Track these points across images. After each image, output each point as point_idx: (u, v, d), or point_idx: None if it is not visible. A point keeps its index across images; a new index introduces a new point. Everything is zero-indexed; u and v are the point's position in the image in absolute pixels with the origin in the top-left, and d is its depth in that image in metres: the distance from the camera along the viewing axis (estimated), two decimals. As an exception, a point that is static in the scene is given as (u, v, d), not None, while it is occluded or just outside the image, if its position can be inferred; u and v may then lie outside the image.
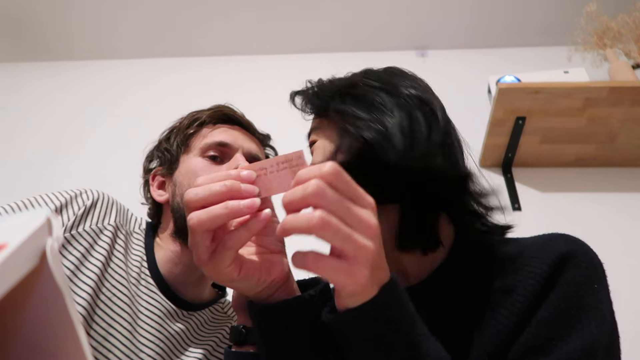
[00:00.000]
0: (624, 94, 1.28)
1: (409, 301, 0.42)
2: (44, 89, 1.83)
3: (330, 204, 0.36)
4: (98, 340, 0.66)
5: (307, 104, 0.62)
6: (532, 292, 0.47)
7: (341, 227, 0.36)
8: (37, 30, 1.80)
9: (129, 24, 1.79)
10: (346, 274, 0.36)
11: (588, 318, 0.45)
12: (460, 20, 1.75)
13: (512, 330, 0.47)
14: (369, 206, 0.38)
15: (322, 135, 0.59)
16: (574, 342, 0.44)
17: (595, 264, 0.49)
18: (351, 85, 0.58)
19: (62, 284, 0.25)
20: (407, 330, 0.40)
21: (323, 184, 0.36)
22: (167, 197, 0.82)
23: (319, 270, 0.37)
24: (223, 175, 0.42)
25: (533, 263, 0.49)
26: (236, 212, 0.39)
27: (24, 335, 0.27)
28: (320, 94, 0.60)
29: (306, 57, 1.84)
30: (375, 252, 0.37)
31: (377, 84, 0.56)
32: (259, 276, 0.45)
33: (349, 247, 0.36)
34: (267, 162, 0.41)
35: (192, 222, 0.40)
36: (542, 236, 0.54)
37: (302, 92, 0.63)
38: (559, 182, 1.45)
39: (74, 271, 0.68)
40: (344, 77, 0.62)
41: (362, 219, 0.37)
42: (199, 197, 0.40)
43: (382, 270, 0.40)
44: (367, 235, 0.37)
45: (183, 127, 0.85)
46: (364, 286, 0.37)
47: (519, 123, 1.37)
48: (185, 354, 0.76)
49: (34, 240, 0.24)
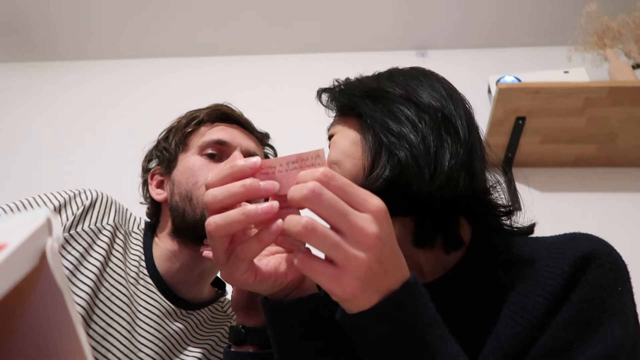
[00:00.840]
0: (624, 94, 1.28)
1: (424, 305, 0.39)
2: (45, 89, 1.83)
3: (324, 209, 0.35)
4: (97, 339, 0.66)
5: (332, 101, 0.63)
6: (552, 293, 0.46)
7: (328, 235, 0.35)
8: (40, 30, 1.80)
9: (131, 24, 1.79)
10: (333, 281, 0.36)
11: (612, 322, 0.44)
12: (460, 20, 1.75)
13: (532, 332, 0.45)
14: (370, 211, 0.36)
15: (342, 132, 0.59)
16: (597, 346, 0.43)
17: (619, 265, 0.47)
18: (379, 90, 0.57)
19: (62, 283, 0.25)
20: (417, 336, 0.38)
21: (319, 187, 0.35)
22: (165, 196, 0.82)
23: (307, 272, 0.36)
24: (229, 169, 0.40)
25: (553, 263, 0.48)
26: (253, 218, 0.38)
27: (24, 335, 0.27)
28: (347, 92, 0.60)
29: (306, 58, 1.84)
30: (368, 262, 0.35)
31: (404, 92, 0.55)
32: (275, 279, 0.44)
33: (337, 256, 0.35)
34: (277, 161, 0.40)
35: (210, 228, 0.39)
36: (564, 235, 0.52)
37: (329, 90, 0.63)
38: (559, 182, 1.45)
39: (73, 271, 0.68)
40: (371, 77, 0.62)
41: (357, 227, 0.35)
42: (217, 199, 0.39)
43: (386, 277, 0.37)
44: (361, 244, 0.35)
45: (181, 126, 0.84)
46: (353, 295, 0.36)
47: (519, 123, 1.37)
48: (184, 353, 0.76)
49: (34, 240, 0.24)
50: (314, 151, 0.39)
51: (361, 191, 0.37)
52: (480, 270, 0.53)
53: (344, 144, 0.57)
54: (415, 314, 0.38)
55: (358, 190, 0.37)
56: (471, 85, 1.69)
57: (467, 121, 0.54)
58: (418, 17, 1.75)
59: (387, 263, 0.37)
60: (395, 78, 0.59)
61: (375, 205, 0.37)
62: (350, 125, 0.58)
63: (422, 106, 0.54)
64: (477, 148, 0.54)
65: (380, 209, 0.37)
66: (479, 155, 0.55)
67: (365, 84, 0.60)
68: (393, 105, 0.55)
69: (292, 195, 0.36)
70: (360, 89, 0.59)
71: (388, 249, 0.37)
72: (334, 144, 0.59)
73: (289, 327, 0.47)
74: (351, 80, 0.63)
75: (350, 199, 0.36)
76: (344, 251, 0.35)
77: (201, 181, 0.76)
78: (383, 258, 0.36)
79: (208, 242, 0.42)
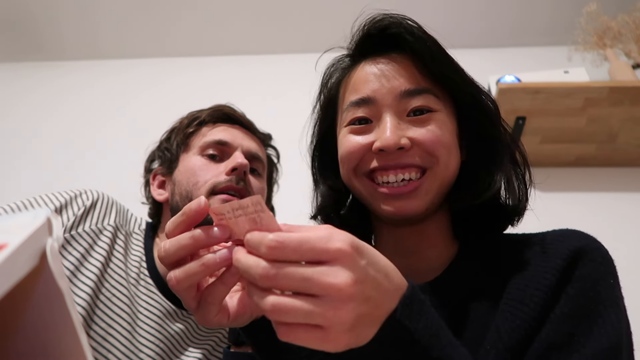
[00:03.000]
0: (624, 94, 1.28)
1: (426, 316, 0.38)
2: (50, 89, 1.83)
3: (284, 285, 0.33)
4: (97, 340, 0.66)
5: (401, 33, 0.60)
6: (548, 286, 0.47)
7: (298, 308, 0.32)
8: (46, 30, 1.80)
9: (134, 24, 1.79)
10: (324, 341, 0.33)
11: (608, 313, 0.45)
12: (460, 20, 1.75)
13: (531, 325, 0.46)
14: (335, 258, 0.33)
15: (441, 114, 0.58)
16: (599, 338, 0.43)
17: (608, 259, 0.49)
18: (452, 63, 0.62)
19: (63, 284, 0.25)
20: (421, 352, 0.37)
21: (269, 268, 0.33)
22: (166, 196, 0.82)
23: (293, 342, 0.34)
24: (179, 215, 0.39)
25: (547, 258, 0.49)
26: (212, 268, 0.37)
27: (24, 335, 0.27)
28: (426, 39, 0.60)
29: (307, 57, 1.84)
30: (353, 312, 0.33)
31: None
32: (250, 313, 0.43)
33: (317, 321, 0.33)
34: (225, 208, 0.38)
35: (171, 283, 0.38)
36: (554, 232, 0.54)
37: (395, 17, 0.60)
38: (559, 182, 1.45)
39: (74, 272, 0.68)
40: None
41: (326, 285, 0.32)
42: (169, 253, 0.38)
43: (379, 308, 0.35)
44: (339, 300, 0.32)
45: (183, 126, 0.85)
46: (347, 345, 0.34)
47: (519, 123, 1.37)
48: (184, 353, 0.76)
49: (34, 240, 0.24)
50: (250, 198, 0.36)
51: (318, 242, 0.33)
52: (475, 267, 0.55)
53: (448, 135, 0.56)
54: (417, 330, 0.36)
55: (315, 244, 0.33)
56: (471, 86, 1.70)
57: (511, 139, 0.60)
58: (418, 17, 1.74)
59: (376, 295, 0.35)
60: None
61: (337, 251, 0.33)
62: (443, 101, 0.59)
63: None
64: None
65: (345, 250, 0.33)
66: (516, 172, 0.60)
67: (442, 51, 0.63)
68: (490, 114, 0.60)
69: (249, 273, 0.34)
70: (446, 55, 0.63)
71: (371, 282, 0.34)
72: (440, 123, 0.56)
73: (270, 348, 0.47)
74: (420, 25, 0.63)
75: (310, 256, 0.33)
76: (321, 315, 0.32)
77: (201, 181, 0.76)
78: (369, 294, 0.34)
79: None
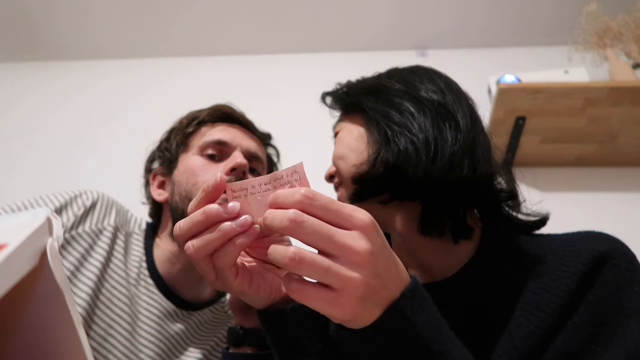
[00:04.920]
0: (624, 94, 1.27)
1: (427, 311, 0.38)
2: (50, 89, 1.82)
3: (308, 235, 0.34)
4: (98, 340, 0.66)
5: (336, 102, 0.67)
6: (567, 292, 0.45)
7: (317, 262, 0.33)
8: (46, 30, 1.80)
9: (134, 24, 1.79)
10: (332, 305, 0.34)
11: (629, 322, 0.42)
12: (460, 20, 1.75)
13: (546, 332, 0.44)
14: (358, 227, 0.35)
15: (347, 128, 0.62)
16: (616, 349, 0.41)
17: (636, 265, 0.46)
18: (379, 86, 0.60)
19: (63, 284, 0.25)
20: (421, 346, 0.37)
21: (299, 215, 0.34)
22: (166, 197, 0.82)
23: (302, 301, 0.35)
24: (201, 193, 0.40)
25: (568, 262, 0.47)
26: (230, 233, 0.38)
27: (24, 335, 0.27)
28: (350, 92, 0.63)
29: (308, 57, 1.84)
30: (365, 280, 0.34)
31: (402, 87, 0.58)
32: (269, 292, 0.45)
33: (331, 281, 0.34)
34: (249, 182, 0.37)
35: (189, 252, 0.39)
36: (578, 233, 0.51)
37: (333, 93, 0.67)
38: (559, 182, 1.45)
39: (74, 272, 0.68)
40: (371, 77, 0.65)
41: (347, 247, 0.34)
42: (183, 230, 0.39)
43: (385, 289, 0.36)
44: (354, 264, 0.34)
45: (182, 126, 0.85)
46: (354, 315, 0.35)
47: (519, 123, 1.37)
48: (185, 353, 0.76)
49: (34, 240, 0.24)
50: (290, 167, 0.36)
51: (346, 207, 0.35)
52: (492, 269, 0.52)
53: (349, 138, 0.60)
54: (418, 323, 0.37)
55: (342, 207, 0.35)
56: (471, 85, 1.69)
57: (469, 112, 0.56)
58: (418, 17, 1.75)
59: (385, 275, 0.36)
60: (394, 75, 0.62)
61: (361, 220, 0.35)
62: (355, 121, 0.61)
63: (421, 98, 0.55)
64: (479, 137, 0.55)
65: (368, 222, 0.35)
66: (482, 144, 0.55)
67: (367, 82, 0.63)
68: (394, 98, 0.57)
69: (271, 224, 0.34)
70: (362, 87, 0.62)
71: (383, 260, 0.36)
72: (339, 139, 0.62)
73: (284, 336, 0.46)
74: (352, 81, 0.66)
75: (335, 217, 0.35)
76: (337, 274, 0.33)
77: (201, 181, 0.76)
78: (379, 271, 0.35)
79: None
